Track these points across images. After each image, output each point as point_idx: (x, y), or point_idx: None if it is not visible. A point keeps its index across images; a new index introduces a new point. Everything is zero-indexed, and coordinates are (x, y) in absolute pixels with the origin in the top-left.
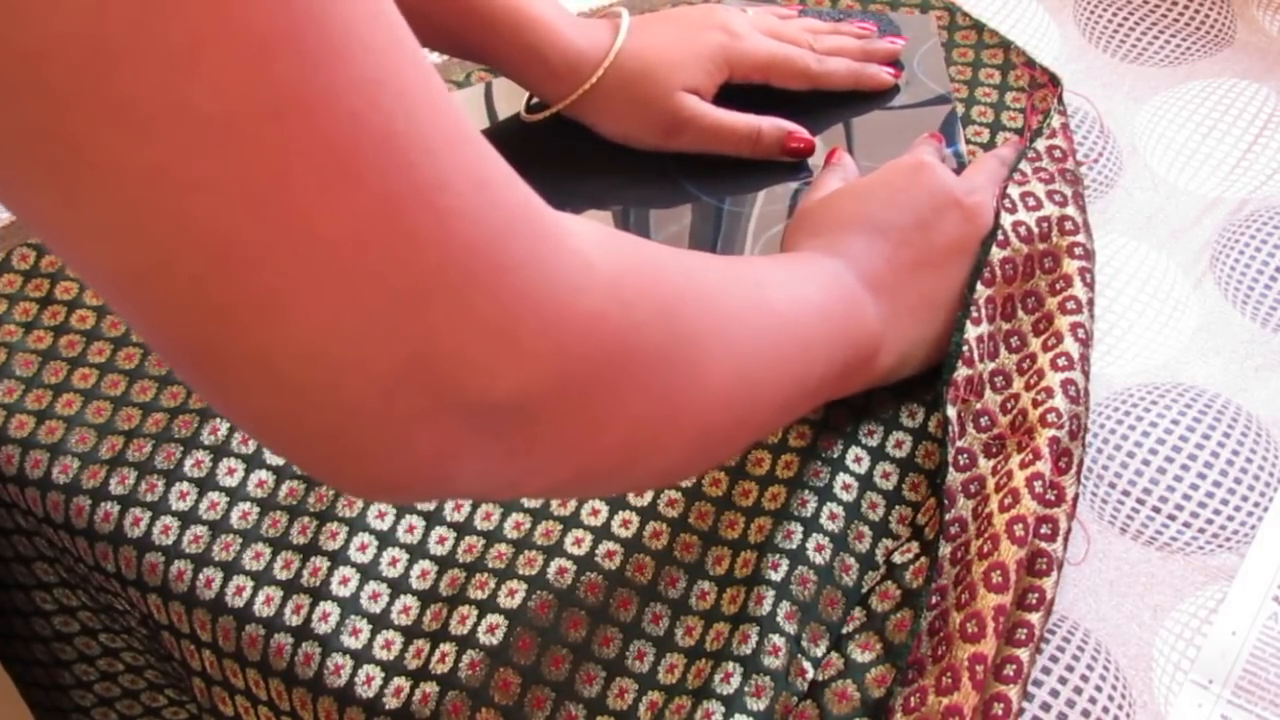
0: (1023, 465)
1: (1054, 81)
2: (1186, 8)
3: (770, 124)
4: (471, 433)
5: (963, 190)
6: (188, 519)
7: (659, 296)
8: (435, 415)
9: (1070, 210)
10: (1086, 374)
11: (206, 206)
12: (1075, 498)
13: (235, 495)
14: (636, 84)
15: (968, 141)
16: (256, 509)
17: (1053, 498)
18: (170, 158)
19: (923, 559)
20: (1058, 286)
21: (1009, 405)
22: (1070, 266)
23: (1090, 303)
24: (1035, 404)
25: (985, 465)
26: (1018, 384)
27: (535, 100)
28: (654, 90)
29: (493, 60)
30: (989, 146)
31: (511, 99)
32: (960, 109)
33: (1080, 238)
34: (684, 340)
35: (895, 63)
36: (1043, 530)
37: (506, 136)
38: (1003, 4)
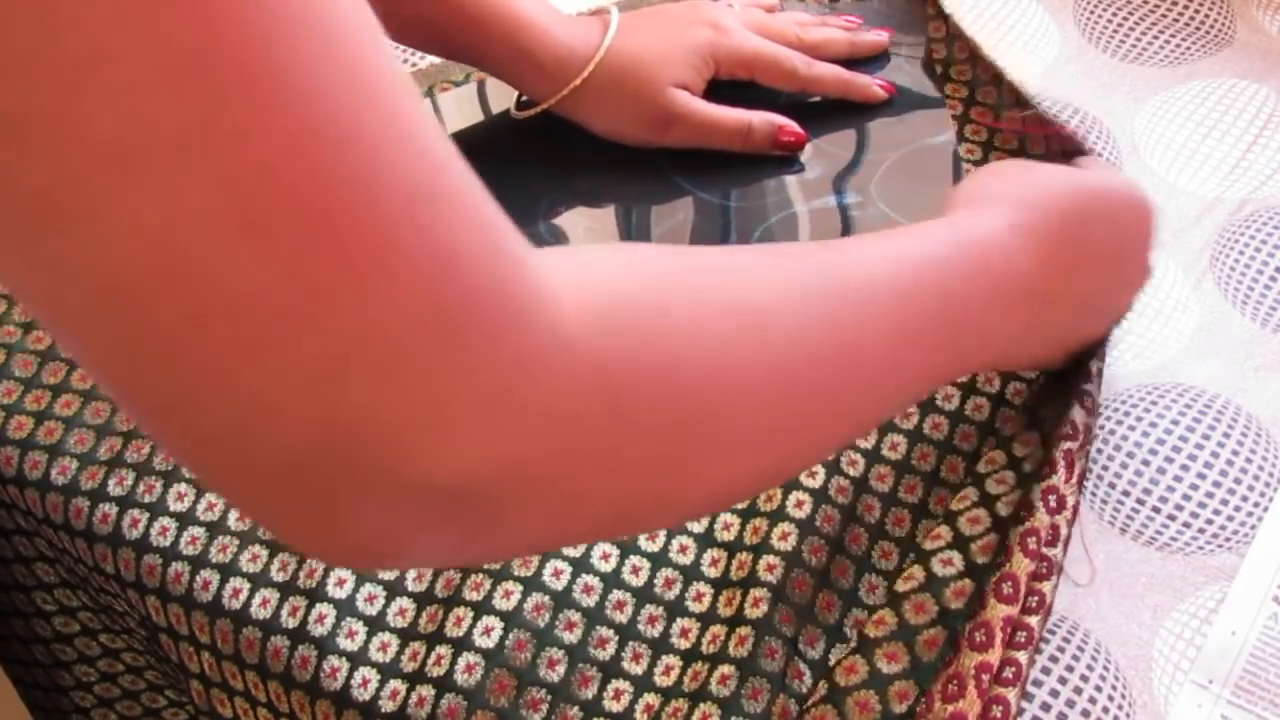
0: (1039, 479)
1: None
2: (1186, 8)
3: (761, 118)
4: (417, 514)
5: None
6: (185, 520)
7: (662, 378)
8: (366, 495)
9: None
10: (1099, 387)
11: (97, 240)
12: (1076, 505)
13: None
14: (626, 80)
15: (966, 141)
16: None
17: (1055, 504)
18: (58, 184)
19: (966, 581)
20: None
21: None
22: None
23: None
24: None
25: (1035, 491)
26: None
27: (525, 98)
28: (644, 86)
29: (483, 62)
30: (987, 146)
31: (506, 94)
32: (959, 108)
33: None
34: (695, 417)
35: (883, 54)
36: (1047, 536)
37: (501, 134)
38: (1003, 4)
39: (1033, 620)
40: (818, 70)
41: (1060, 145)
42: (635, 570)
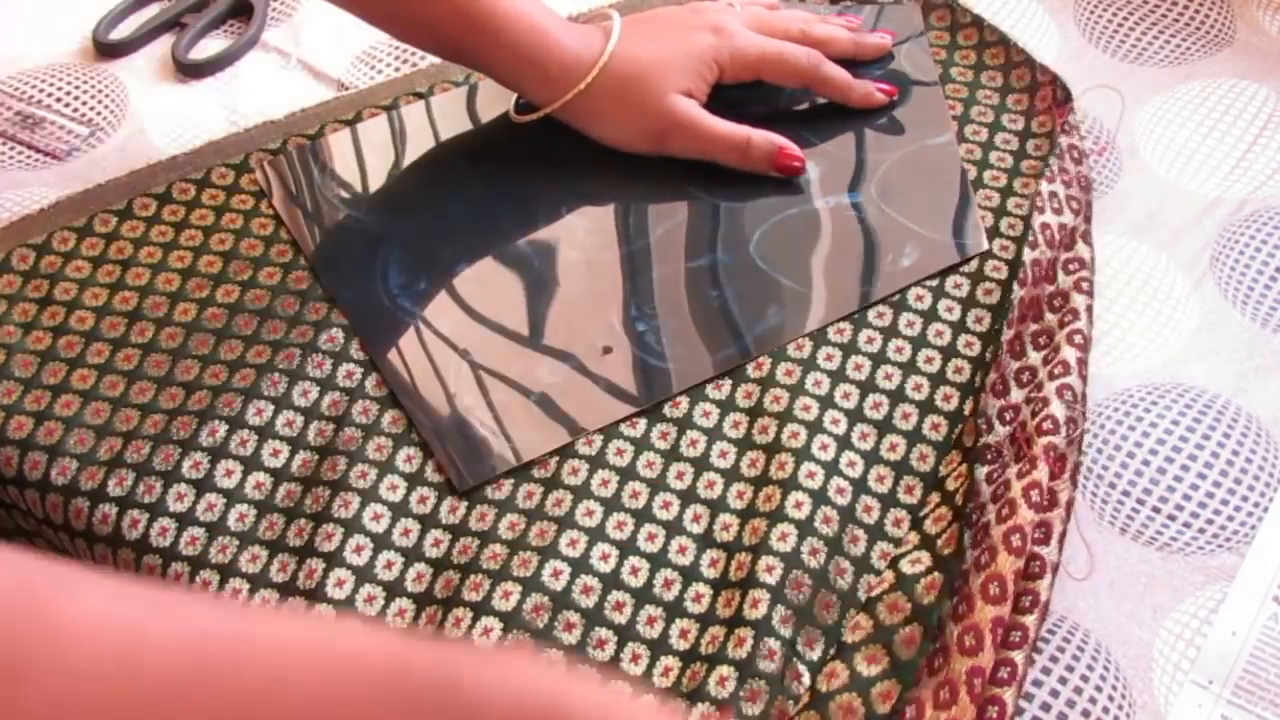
0: (1020, 475)
1: (1064, 90)
2: (1186, 8)
3: (761, 136)
4: None
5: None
6: (185, 520)
7: None
8: None
9: (1079, 220)
10: (1084, 378)
11: None
12: (1070, 501)
13: (232, 497)
14: (629, 88)
15: (966, 140)
16: (254, 511)
17: (1046, 502)
18: None
19: (935, 574)
20: (1056, 303)
21: (1007, 415)
22: (1066, 282)
23: (1089, 309)
24: (1033, 413)
25: (980, 473)
26: (1017, 394)
27: (523, 101)
28: (646, 94)
29: (487, 67)
30: (987, 146)
31: (494, 101)
32: (959, 108)
33: (1079, 250)
34: None
35: (885, 55)
36: (1036, 534)
37: (500, 135)
38: (1003, 4)
39: (1028, 620)
40: (825, 69)
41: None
42: (634, 571)
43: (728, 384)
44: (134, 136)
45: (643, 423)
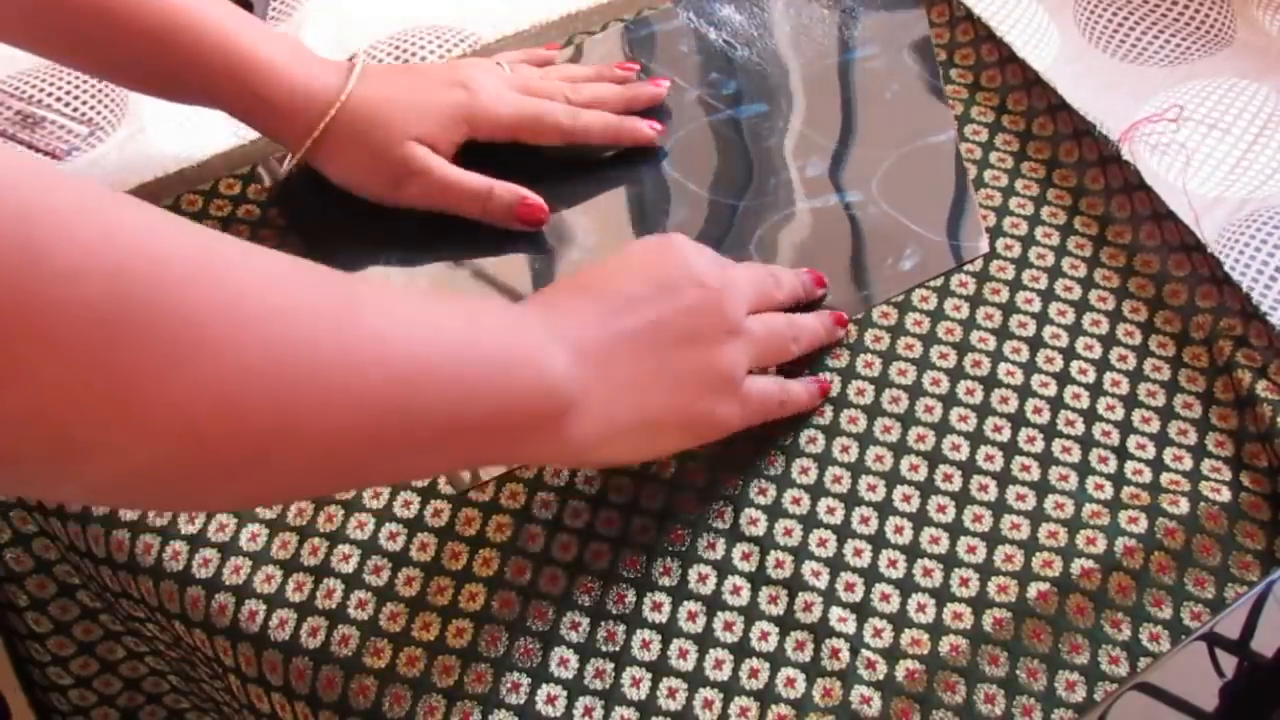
0: None
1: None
2: (1186, 8)
3: (503, 187)
4: None
5: (711, 274)
6: (196, 542)
7: (121, 259)
8: None
9: None
10: None
11: None
12: None
13: (243, 517)
14: (366, 130)
15: (966, 140)
16: (265, 530)
17: None
18: None
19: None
20: None
21: None
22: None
23: None
24: None
25: None
26: None
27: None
28: (384, 138)
29: (216, 104)
30: (988, 146)
31: None
32: (959, 108)
33: None
34: (156, 311)
35: (659, 108)
36: None
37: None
38: (1003, 4)
39: None
40: (583, 120)
41: (1071, 126)
42: (666, 570)
43: None
44: (134, 136)
45: None
